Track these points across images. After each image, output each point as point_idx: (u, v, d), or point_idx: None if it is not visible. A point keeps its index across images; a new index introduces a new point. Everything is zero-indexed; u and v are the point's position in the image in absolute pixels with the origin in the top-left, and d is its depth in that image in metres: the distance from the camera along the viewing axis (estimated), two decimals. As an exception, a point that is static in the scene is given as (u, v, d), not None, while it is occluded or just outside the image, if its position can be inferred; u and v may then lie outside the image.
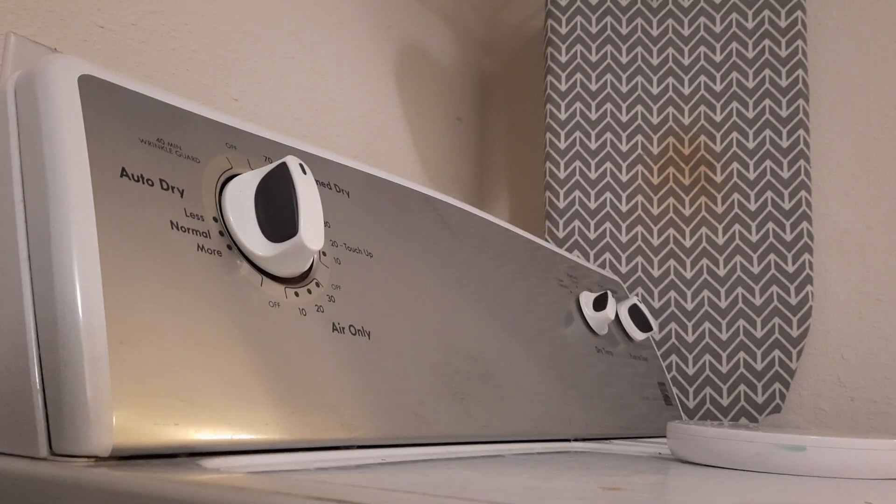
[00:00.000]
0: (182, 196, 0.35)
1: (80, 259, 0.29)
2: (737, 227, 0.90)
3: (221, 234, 0.36)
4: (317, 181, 0.44)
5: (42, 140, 0.31)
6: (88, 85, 0.33)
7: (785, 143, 0.90)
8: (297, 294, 0.38)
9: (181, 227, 0.34)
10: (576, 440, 0.58)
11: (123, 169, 0.33)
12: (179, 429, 0.30)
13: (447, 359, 0.47)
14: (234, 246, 0.36)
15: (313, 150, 0.45)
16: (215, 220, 0.36)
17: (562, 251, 0.74)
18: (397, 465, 0.35)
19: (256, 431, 0.32)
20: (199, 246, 0.34)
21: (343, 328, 0.40)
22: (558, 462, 0.41)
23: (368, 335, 0.42)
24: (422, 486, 0.27)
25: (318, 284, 0.40)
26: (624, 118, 0.95)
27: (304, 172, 0.37)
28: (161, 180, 0.34)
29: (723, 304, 0.89)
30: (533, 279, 0.64)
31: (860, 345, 0.90)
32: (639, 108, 0.95)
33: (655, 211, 0.93)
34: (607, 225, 0.93)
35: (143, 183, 0.33)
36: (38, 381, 0.28)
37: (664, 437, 0.73)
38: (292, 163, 0.37)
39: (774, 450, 0.41)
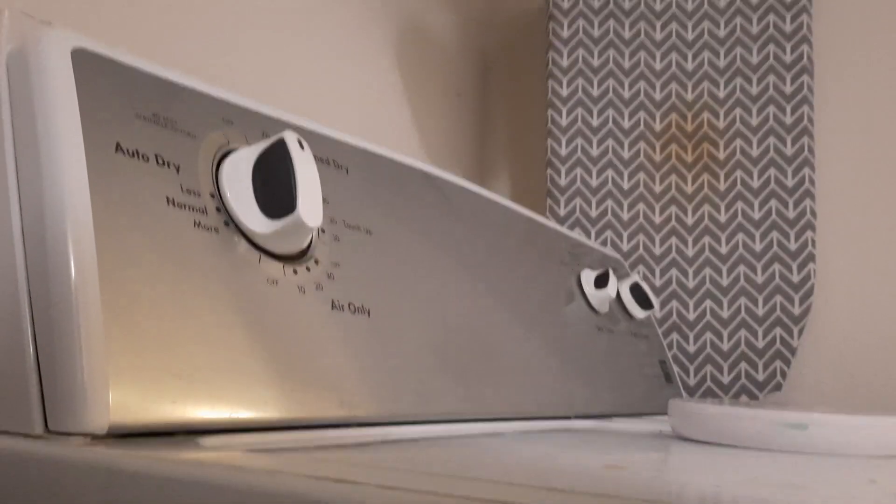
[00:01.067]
0: (178, 172, 0.34)
1: (75, 236, 0.29)
2: (739, 204, 0.90)
3: (218, 210, 0.35)
4: (315, 157, 0.43)
5: (35, 115, 0.31)
6: (82, 59, 0.33)
7: (789, 120, 0.89)
8: (295, 272, 0.38)
9: (177, 204, 0.33)
10: (576, 418, 0.58)
11: (118, 144, 0.32)
12: (177, 407, 0.29)
13: (448, 337, 0.47)
14: (231, 222, 0.36)
15: (311, 126, 0.44)
16: (212, 196, 0.35)
17: (563, 229, 0.74)
18: (397, 444, 0.34)
19: (255, 409, 0.32)
20: (195, 222, 0.34)
21: (342, 306, 0.40)
22: (560, 440, 0.41)
23: (368, 313, 0.41)
24: (422, 465, 0.27)
25: (316, 262, 0.40)
26: (626, 94, 0.94)
27: (302, 148, 0.36)
28: (157, 156, 0.34)
29: (724, 282, 0.89)
30: (534, 257, 0.63)
31: (862, 322, 0.90)
32: (642, 83, 0.94)
33: (657, 188, 0.92)
34: (609, 202, 0.93)
35: (139, 158, 0.33)
36: (32, 358, 0.28)
37: (664, 414, 0.73)
38: (290, 138, 0.36)
39: (776, 427, 0.40)
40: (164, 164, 0.34)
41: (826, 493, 0.26)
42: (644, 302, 0.77)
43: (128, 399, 0.28)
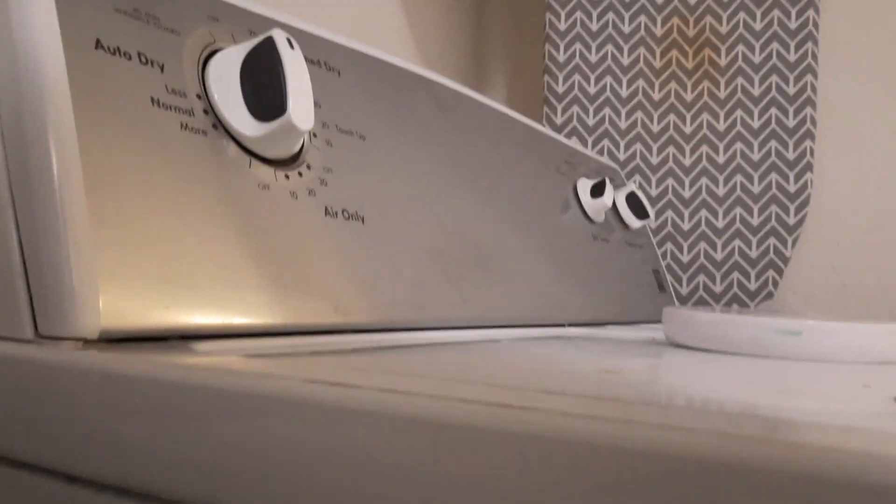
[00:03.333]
0: (162, 71, 0.33)
1: (57, 137, 0.28)
2: (739, 112, 0.88)
3: (206, 112, 0.34)
4: (306, 58, 0.42)
5: (9, 9, 0.29)
6: (55, -52, 0.31)
7: (793, 25, 0.87)
8: (287, 177, 0.37)
9: (163, 104, 0.32)
10: (571, 326, 0.58)
11: (98, 40, 0.31)
12: (170, 311, 0.29)
13: (442, 244, 0.46)
14: (219, 125, 0.34)
15: (301, 25, 0.43)
16: (199, 97, 0.34)
17: (560, 137, 0.72)
18: (392, 350, 0.34)
19: (249, 315, 0.32)
20: (182, 124, 0.33)
21: (336, 212, 0.39)
22: (555, 346, 0.41)
23: (362, 220, 0.41)
24: (417, 370, 0.27)
25: (309, 167, 0.39)
26: (627, -3, 0.91)
27: (292, 47, 0.35)
28: (139, 53, 0.32)
29: (720, 192, 0.88)
30: (530, 165, 0.62)
31: (855, 232, 0.90)
32: (643, -14, 0.91)
33: (656, 96, 0.90)
34: (606, 110, 0.91)
35: (120, 56, 0.31)
36: (19, 263, 0.28)
37: (658, 322, 0.73)
38: (279, 37, 0.35)
39: (770, 334, 0.40)
40: (147, 62, 0.32)
41: (821, 397, 0.26)
42: (640, 211, 0.76)
43: (119, 304, 0.27)
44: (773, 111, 0.87)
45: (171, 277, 0.30)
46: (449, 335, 0.43)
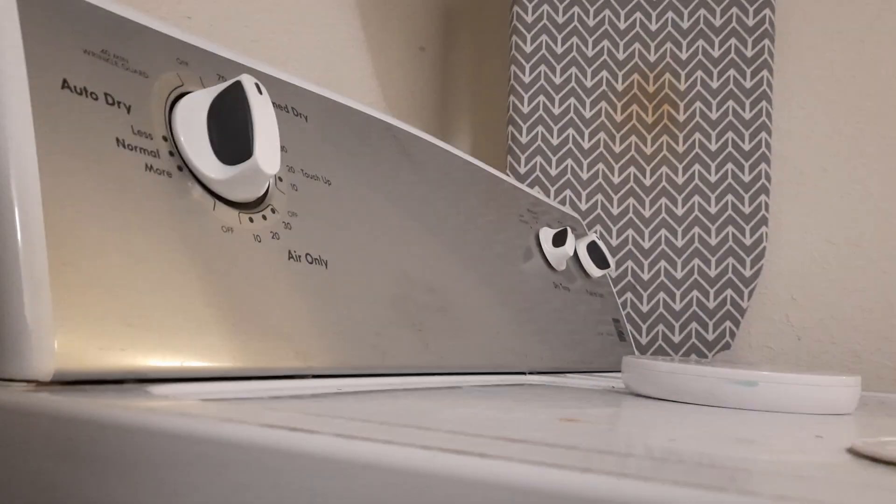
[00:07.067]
0: (129, 112, 0.33)
1: (18, 176, 0.28)
2: (697, 167, 0.90)
3: (171, 154, 0.34)
4: (273, 104, 0.42)
5: (-25, 46, 0.29)
6: (25, -12, 0.31)
7: (748, 84, 0.90)
8: (251, 220, 0.37)
9: (128, 145, 0.32)
10: (531, 373, 0.58)
11: (65, 80, 0.31)
12: (126, 354, 0.28)
13: (405, 290, 0.46)
14: (184, 167, 0.34)
15: (269, 71, 0.43)
16: (165, 139, 0.34)
17: (523, 186, 0.73)
18: (353, 395, 0.34)
19: (208, 358, 0.31)
20: (147, 165, 0.33)
21: (299, 256, 0.39)
22: (515, 394, 0.41)
23: (325, 264, 0.41)
24: (378, 416, 0.27)
25: (273, 211, 0.39)
26: (590, 53, 0.93)
27: (261, 92, 0.35)
28: (106, 94, 0.32)
29: (679, 244, 0.90)
30: (493, 213, 0.63)
31: (809, 286, 0.92)
32: (605, 42, 0.93)
33: (617, 149, 0.92)
34: (569, 161, 0.93)
35: (87, 96, 0.31)
36: (-27, 302, 0.27)
37: (617, 371, 0.74)
38: (248, 82, 0.35)
39: (727, 384, 0.41)
40: (114, 103, 0.32)
41: (774, 447, 0.27)
42: (600, 261, 0.77)
43: (74, 345, 0.27)
44: (730, 166, 0.90)
45: (129, 319, 0.29)
46: (410, 381, 0.43)
